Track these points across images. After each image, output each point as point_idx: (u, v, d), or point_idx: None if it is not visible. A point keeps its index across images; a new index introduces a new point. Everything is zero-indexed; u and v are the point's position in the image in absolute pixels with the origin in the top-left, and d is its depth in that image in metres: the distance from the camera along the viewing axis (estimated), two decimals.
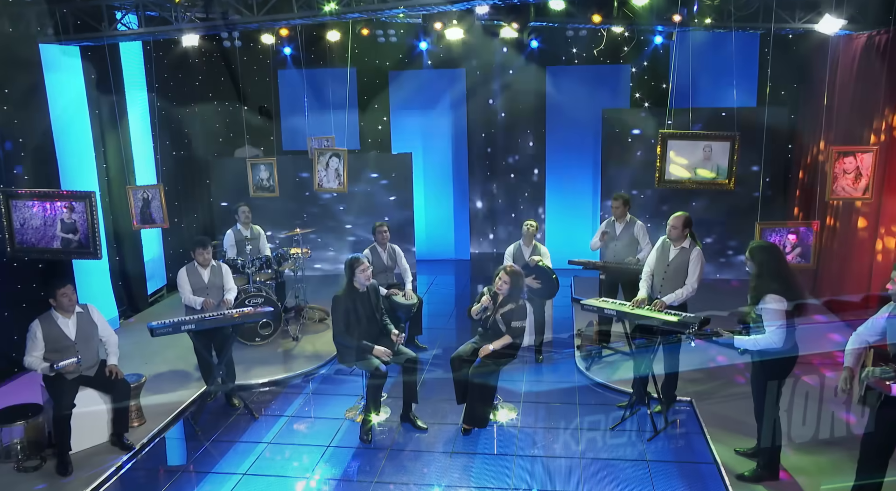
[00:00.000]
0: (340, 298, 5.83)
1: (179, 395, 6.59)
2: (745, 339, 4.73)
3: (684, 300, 5.85)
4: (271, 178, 9.04)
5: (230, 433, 5.94)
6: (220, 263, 6.51)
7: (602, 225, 7.54)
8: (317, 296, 9.35)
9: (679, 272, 5.88)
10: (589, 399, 6.52)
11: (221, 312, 6.10)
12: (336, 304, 5.83)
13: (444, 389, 6.68)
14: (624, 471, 5.23)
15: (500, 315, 5.88)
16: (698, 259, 5.85)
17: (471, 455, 5.51)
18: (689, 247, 5.89)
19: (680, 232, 5.87)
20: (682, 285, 5.84)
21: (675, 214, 5.89)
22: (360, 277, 5.83)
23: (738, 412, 5.97)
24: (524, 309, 5.88)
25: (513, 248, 7.74)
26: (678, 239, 5.90)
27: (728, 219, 10.32)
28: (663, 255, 6.00)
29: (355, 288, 5.87)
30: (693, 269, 5.84)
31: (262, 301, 7.71)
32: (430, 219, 12.22)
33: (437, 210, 12.27)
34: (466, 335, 8.29)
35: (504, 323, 5.85)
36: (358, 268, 5.83)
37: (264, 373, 7.14)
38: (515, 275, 5.84)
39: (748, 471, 4.98)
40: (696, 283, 5.83)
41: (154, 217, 7.69)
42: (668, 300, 5.79)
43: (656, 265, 6.04)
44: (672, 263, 5.90)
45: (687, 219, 5.88)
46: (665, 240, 6.01)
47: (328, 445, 5.72)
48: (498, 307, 5.90)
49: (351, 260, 5.88)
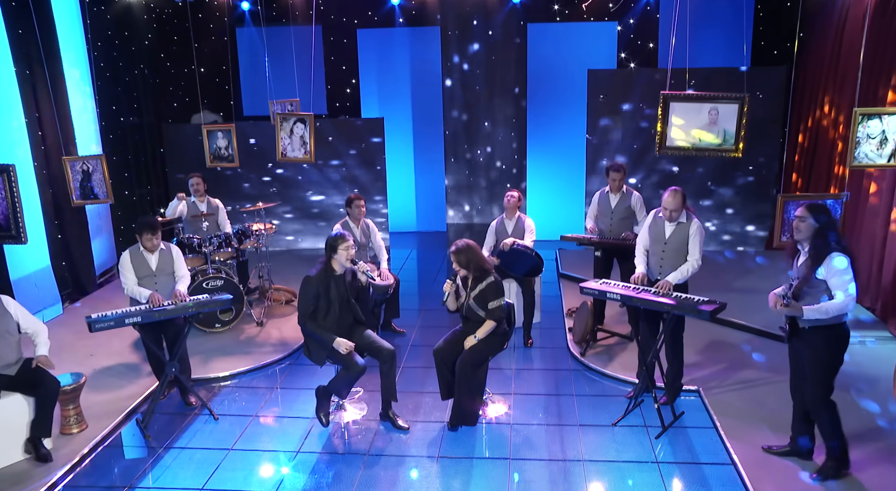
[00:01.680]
0: (312, 279, 5.11)
1: (128, 392, 5.84)
2: (812, 308, 4.15)
3: (689, 277, 5.28)
4: (230, 147, 8.20)
5: (186, 439, 5.22)
6: (170, 246, 5.71)
7: (594, 200, 6.88)
8: (283, 276, 8.61)
9: (679, 249, 5.30)
10: (586, 388, 5.93)
11: (174, 303, 5.33)
12: (306, 286, 5.11)
13: (426, 381, 6.05)
14: (632, 474, 4.66)
15: (472, 300, 5.22)
16: (699, 232, 5.28)
17: (459, 460, 4.88)
18: (686, 221, 5.29)
19: (678, 213, 5.28)
20: (683, 262, 5.28)
21: (671, 193, 5.26)
22: (341, 257, 5.12)
23: (749, 402, 5.45)
24: (498, 286, 5.20)
25: (495, 223, 7.09)
26: (680, 215, 5.30)
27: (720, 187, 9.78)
28: (658, 232, 5.39)
29: (332, 269, 5.16)
30: (694, 243, 5.28)
31: (221, 284, 6.95)
32: (402, 189, 11.48)
33: (410, 179, 11.52)
34: (448, 316, 7.64)
35: (480, 307, 5.20)
36: (341, 245, 5.10)
37: (225, 365, 6.41)
38: (460, 252, 5.17)
39: (818, 470, 4.43)
40: (700, 257, 5.28)
41: (96, 192, 6.86)
42: (673, 280, 5.21)
43: (652, 244, 5.44)
44: (670, 240, 5.31)
45: (683, 195, 5.28)
46: (656, 218, 5.41)
47: (298, 450, 5.05)
48: (469, 291, 5.24)
49: (335, 237, 5.14)
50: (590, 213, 6.90)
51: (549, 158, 10.82)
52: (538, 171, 10.93)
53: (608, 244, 6.50)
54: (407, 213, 11.60)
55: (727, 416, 5.23)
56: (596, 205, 6.83)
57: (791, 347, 4.49)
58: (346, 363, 5.06)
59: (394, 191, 10.99)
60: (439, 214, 11.72)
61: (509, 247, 6.53)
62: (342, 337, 5.16)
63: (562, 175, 10.71)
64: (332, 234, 5.23)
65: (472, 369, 5.16)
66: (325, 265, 5.18)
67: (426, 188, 11.61)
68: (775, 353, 6.38)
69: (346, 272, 5.24)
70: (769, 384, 5.76)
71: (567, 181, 10.64)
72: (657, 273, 5.39)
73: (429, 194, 11.64)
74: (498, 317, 5.18)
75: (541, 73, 10.62)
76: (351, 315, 5.29)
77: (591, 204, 6.89)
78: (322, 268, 5.18)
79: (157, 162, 10.43)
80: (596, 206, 6.83)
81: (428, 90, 11.12)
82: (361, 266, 5.29)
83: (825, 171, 8.23)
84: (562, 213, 10.31)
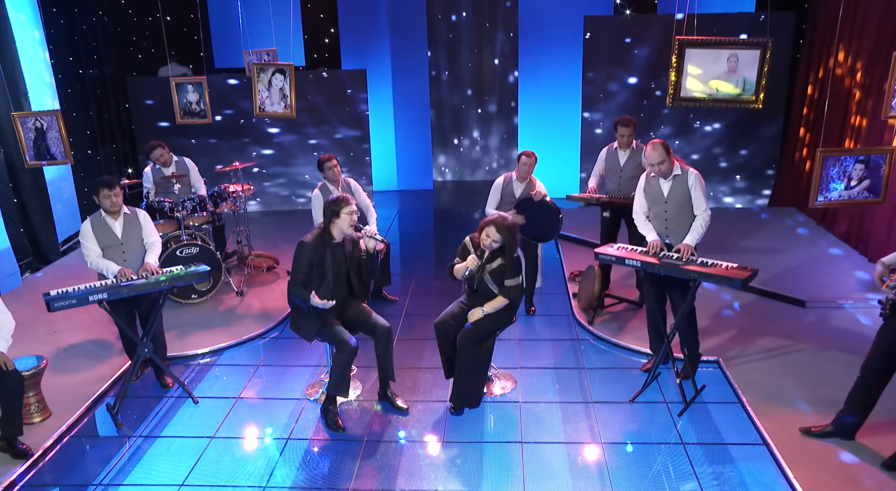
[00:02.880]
0: (306, 246, 4.57)
1: (97, 374, 5.31)
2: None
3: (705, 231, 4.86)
4: (202, 102, 7.48)
5: (163, 426, 4.72)
6: (135, 211, 5.09)
7: (600, 157, 6.34)
8: (263, 241, 8.04)
9: (682, 205, 4.86)
10: (596, 360, 5.51)
11: (144, 276, 4.75)
12: (300, 253, 4.58)
13: (424, 354, 5.59)
14: (657, 457, 4.26)
15: (488, 273, 4.72)
16: (698, 181, 4.85)
17: (467, 444, 4.45)
18: (681, 172, 4.84)
19: (668, 164, 4.82)
20: (689, 219, 4.86)
21: (650, 146, 4.82)
22: (343, 223, 4.58)
23: (773, 375, 5.07)
24: (518, 263, 4.73)
25: (501, 181, 6.44)
26: (670, 169, 4.84)
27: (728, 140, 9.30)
28: (655, 192, 4.93)
29: (331, 236, 4.61)
30: (698, 193, 4.85)
31: (196, 251, 6.38)
32: (386, 145, 10.83)
33: (394, 135, 10.86)
34: (442, 282, 7.17)
35: (494, 283, 4.71)
36: (344, 209, 4.55)
37: (203, 340, 5.88)
38: (509, 231, 4.61)
39: None
40: (708, 208, 4.87)
41: (53, 151, 6.18)
42: (692, 241, 4.77)
43: (652, 206, 4.99)
44: (670, 197, 4.86)
45: (665, 146, 4.83)
46: (649, 176, 4.96)
47: (288, 436, 4.57)
48: (485, 264, 4.74)
49: (337, 200, 4.58)
50: (595, 171, 6.37)
51: (542, 114, 10.21)
52: (530, 126, 10.33)
53: (618, 204, 6.00)
54: (388, 171, 10.98)
55: (752, 390, 4.85)
56: (603, 162, 6.30)
57: (887, 327, 4.00)
58: (337, 342, 4.56)
59: (376, 148, 10.36)
60: (424, 172, 11.13)
61: (541, 198, 5.97)
62: (335, 311, 4.67)
63: (555, 131, 10.12)
64: (331, 197, 4.66)
65: (476, 345, 4.70)
66: (321, 231, 4.64)
67: (409, 144, 10.98)
68: (793, 318, 6.01)
69: (345, 240, 4.70)
70: (792, 353, 5.39)
71: (560, 136, 10.07)
72: (665, 237, 4.93)
73: (412, 151, 11.02)
74: (514, 296, 4.70)
75: (532, 20, 9.93)
76: (346, 288, 4.78)
77: (598, 161, 6.36)
78: (318, 233, 4.63)
79: (123, 118, 9.67)
80: (603, 163, 6.30)
81: (411, 40, 10.39)
82: (368, 231, 4.74)
83: (838, 123, 7.77)
84: (556, 172, 9.75)
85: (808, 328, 5.81)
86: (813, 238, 7.87)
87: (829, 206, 4.99)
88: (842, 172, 4.55)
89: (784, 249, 7.50)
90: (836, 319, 5.97)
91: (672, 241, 4.88)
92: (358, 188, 6.62)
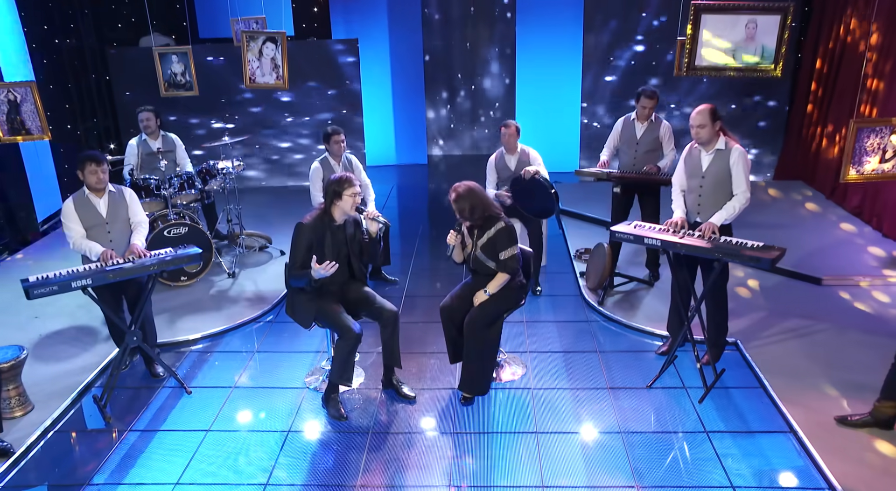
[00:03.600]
0: (305, 228, 4.28)
1: (82, 363, 5.00)
2: None
3: (738, 215, 4.55)
4: (187, 73, 7.09)
5: (154, 419, 4.43)
6: (121, 188, 4.75)
7: (616, 129, 6.03)
8: (255, 219, 7.70)
9: (719, 183, 4.52)
10: (608, 343, 5.27)
11: (130, 259, 4.42)
12: (299, 235, 4.28)
13: (428, 339, 5.33)
14: (680, 446, 4.04)
15: (479, 251, 4.45)
16: (741, 159, 4.47)
17: (479, 436, 4.20)
18: (725, 147, 4.51)
19: (709, 132, 4.47)
20: (725, 199, 4.52)
21: (697, 110, 4.47)
22: (346, 205, 4.29)
23: (798, 358, 4.84)
24: (509, 232, 4.41)
25: (494, 158, 6.23)
26: (709, 141, 4.52)
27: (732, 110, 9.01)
28: (694, 164, 4.61)
29: (332, 218, 4.32)
30: (739, 172, 4.47)
31: (185, 231, 6.04)
32: (379, 119, 10.46)
33: (387, 108, 10.49)
34: (443, 262, 6.89)
35: (489, 258, 4.43)
36: (346, 191, 4.26)
37: (194, 325, 5.58)
38: (462, 198, 4.35)
39: None
40: (749, 190, 4.51)
41: (29, 126, 5.78)
42: (718, 221, 4.46)
43: (688, 180, 4.66)
44: (708, 172, 4.53)
45: (713, 112, 4.45)
46: (692, 147, 4.63)
47: (288, 429, 4.31)
48: (475, 240, 4.46)
49: (339, 180, 4.29)
50: (609, 143, 6.06)
51: (541, 85, 9.86)
52: (528, 99, 9.99)
53: (631, 179, 5.71)
54: (385, 145, 10.63)
55: (774, 374, 4.62)
56: (618, 134, 5.99)
57: None
58: (339, 328, 4.27)
59: (369, 121, 9.98)
60: (419, 146, 10.79)
61: (531, 176, 5.69)
62: (336, 295, 4.38)
63: (555, 104, 9.79)
64: (333, 176, 4.35)
65: (483, 330, 4.42)
66: (322, 212, 4.33)
67: (405, 118, 10.61)
68: (809, 297, 5.80)
69: (346, 222, 4.40)
70: (812, 334, 5.17)
71: (560, 108, 9.73)
72: (695, 214, 4.65)
73: (408, 124, 10.65)
74: (512, 268, 4.41)
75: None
76: (347, 271, 4.48)
77: (612, 133, 6.05)
78: (318, 214, 4.32)
79: (104, 91, 9.22)
80: (618, 135, 6.00)
81: (405, 10, 9.97)
82: (370, 213, 4.44)
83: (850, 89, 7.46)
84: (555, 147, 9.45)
85: (826, 307, 5.59)
86: (823, 213, 7.64)
87: (862, 180, 4.69)
88: (881, 145, 4.26)
89: (793, 225, 7.27)
90: (854, 298, 5.75)
91: (702, 219, 4.56)
92: (359, 166, 6.32)
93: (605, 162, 5.94)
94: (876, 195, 6.94)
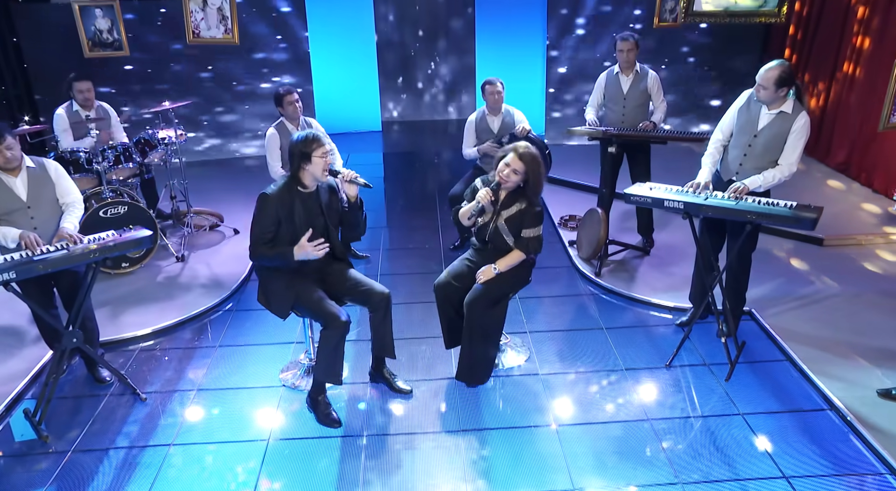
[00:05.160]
0: (270, 198, 3.62)
1: (8, 371, 4.22)
2: None
3: (775, 187, 4.10)
4: (115, 30, 6.20)
5: (102, 434, 3.72)
6: (43, 163, 3.94)
7: (598, 84, 5.52)
8: (202, 195, 6.90)
9: (771, 146, 4.01)
10: (612, 318, 4.81)
11: (62, 246, 3.65)
12: (262, 207, 3.63)
13: (412, 321, 4.78)
14: (716, 431, 3.61)
15: (503, 221, 3.90)
16: (804, 130, 3.96)
17: (490, 432, 3.67)
18: (791, 111, 3.99)
19: (774, 92, 3.96)
20: (771, 165, 4.03)
21: (767, 67, 3.92)
22: (316, 169, 3.64)
23: (820, 326, 4.50)
24: (540, 212, 3.91)
25: (475, 118, 5.68)
26: (771, 102, 4.01)
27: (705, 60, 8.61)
28: (749, 120, 4.07)
29: (302, 184, 3.68)
30: (795, 142, 3.97)
31: (125, 211, 5.25)
32: (327, 81, 9.67)
33: (337, 69, 9.71)
34: (416, 233, 6.30)
35: (510, 232, 3.89)
36: (315, 152, 3.61)
37: (142, 319, 4.83)
38: (530, 162, 3.80)
39: None
40: (796, 165, 4.02)
41: None
42: (752, 185, 4.00)
43: (738, 135, 4.12)
44: (763, 133, 4.03)
45: (784, 71, 3.88)
46: (752, 100, 4.10)
47: (268, 438, 3.68)
48: (500, 209, 3.91)
49: (304, 140, 3.63)
50: (592, 101, 5.56)
51: (502, 40, 9.25)
52: (489, 55, 9.37)
53: (631, 138, 5.21)
54: (334, 111, 9.85)
55: (799, 345, 4.26)
56: (601, 90, 5.49)
57: None
58: (324, 316, 3.64)
59: (318, 87, 9.20)
60: (371, 111, 10.07)
61: (526, 134, 5.13)
62: (314, 278, 3.75)
63: (517, 61, 9.21)
64: (297, 136, 3.68)
65: (486, 310, 3.88)
66: (289, 180, 3.67)
67: (355, 80, 9.85)
68: (813, 259, 5.48)
69: (319, 189, 3.76)
70: (825, 299, 4.85)
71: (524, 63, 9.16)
72: (732, 173, 4.15)
73: (358, 87, 9.90)
74: (533, 249, 3.89)
75: None
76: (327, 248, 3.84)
77: (595, 89, 5.54)
78: (284, 183, 3.66)
79: (11, 55, 8.09)
80: (601, 91, 5.49)
81: None
82: (347, 174, 3.80)
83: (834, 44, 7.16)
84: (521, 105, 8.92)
85: (833, 270, 5.29)
86: (806, 170, 7.35)
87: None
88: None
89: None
90: (859, 258, 5.47)
91: (738, 179, 4.04)
92: (320, 129, 5.63)
93: (593, 121, 5.42)
94: (865, 150, 6.67)
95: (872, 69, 6.62)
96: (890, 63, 6.37)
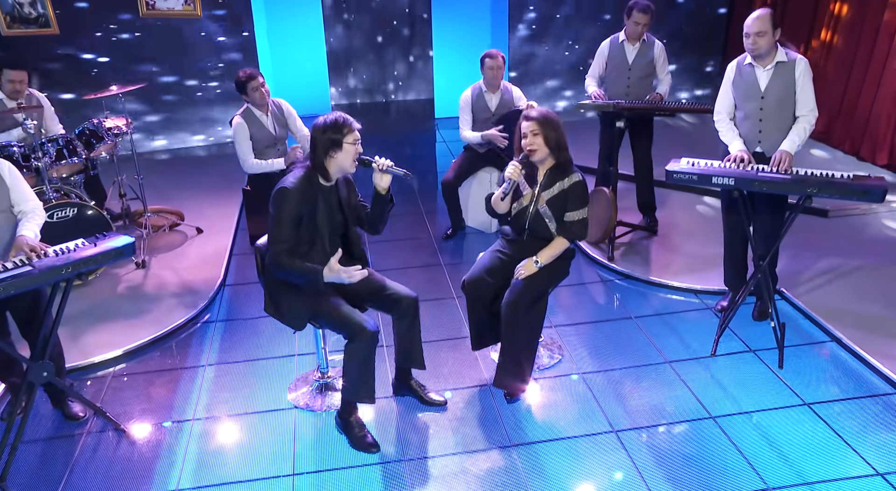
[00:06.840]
0: (292, 194, 3.05)
1: None
2: None
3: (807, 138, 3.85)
4: (38, 3, 5.38)
5: (85, 485, 3.09)
6: None
7: (601, 53, 5.14)
8: (155, 192, 6.15)
9: (784, 102, 3.79)
10: (640, 307, 4.46)
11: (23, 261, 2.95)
12: (283, 204, 3.05)
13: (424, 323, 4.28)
14: (790, 429, 3.30)
15: (545, 203, 3.46)
16: (808, 72, 3.77)
17: (548, 445, 3.25)
18: (787, 58, 3.77)
19: (769, 41, 3.71)
20: (791, 121, 3.80)
21: (754, 16, 3.69)
22: (346, 157, 3.10)
23: (856, 301, 4.31)
24: (585, 188, 3.50)
25: (470, 95, 5.23)
26: (768, 53, 3.75)
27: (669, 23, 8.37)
28: (749, 84, 3.84)
29: (325, 177, 3.11)
30: (806, 87, 3.76)
31: (73, 213, 4.53)
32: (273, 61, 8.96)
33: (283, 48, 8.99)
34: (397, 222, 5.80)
35: (552, 217, 3.47)
36: (348, 137, 3.05)
37: (108, 338, 4.15)
38: (549, 124, 3.38)
39: None
40: (816, 107, 3.81)
41: None
42: (791, 148, 3.74)
43: (743, 103, 3.89)
44: (769, 91, 3.79)
45: (774, 19, 3.70)
46: (741, 67, 3.86)
47: (292, 473, 3.13)
48: (539, 190, 3.47)
49: (336, 124, 3.07)
50: (593, 71, 5.18)
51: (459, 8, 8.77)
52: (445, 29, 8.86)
53: (643, 110, 4.85)
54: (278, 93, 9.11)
55: (842, 324, 4.03)
56: (604, 59, 5.11)
57: None
58: (349, 328, 3.12)
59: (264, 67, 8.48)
60: (320, 93, 9.39)
61: None
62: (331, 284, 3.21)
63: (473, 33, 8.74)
64: (323, 120, 3.10)
65: (528, 310, 3.45)
66: (309, 171, 3.11)
67: (299, 59, 9.16)
68: (823, 232, 5.33)
69: (338, 181, 3.22)
70: (850, 273, 4.67)
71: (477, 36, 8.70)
72: (755, 144, 3.90)
73: (303, 67, 9.21)
74: (578, 235, 3.47)
75: None
76: (338, 244, 3.31)
77: (596, 58, 5.16)
78: (304, 175, 3.10)
79: None
80: (604, 61, 5.12)
81: None
82: (382, 163, 3.25)
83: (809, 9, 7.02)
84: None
85: (845, 241, 5.14)
86: None
87: None
88: None
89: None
90: (866, 228, 5.35)
91: (765, 148, 3.84)
92: (293, 112, 5.09)
93: (598, 93, 5.03)
94: (849, 118, 6.58)
95: (851, 37, 6.51)
96: (870, 30, 6.28)
